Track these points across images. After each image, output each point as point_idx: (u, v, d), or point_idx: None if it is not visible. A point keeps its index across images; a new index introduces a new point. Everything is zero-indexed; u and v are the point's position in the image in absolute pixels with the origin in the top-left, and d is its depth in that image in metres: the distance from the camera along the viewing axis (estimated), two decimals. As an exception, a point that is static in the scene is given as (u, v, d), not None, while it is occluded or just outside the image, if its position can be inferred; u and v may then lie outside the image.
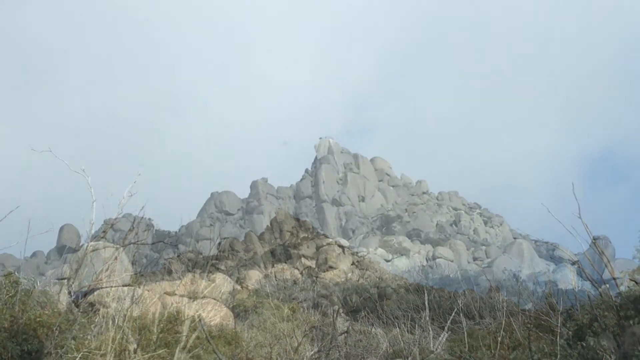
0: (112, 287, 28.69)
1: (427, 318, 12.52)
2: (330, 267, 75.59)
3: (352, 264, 79.38)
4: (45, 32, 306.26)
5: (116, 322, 26.09)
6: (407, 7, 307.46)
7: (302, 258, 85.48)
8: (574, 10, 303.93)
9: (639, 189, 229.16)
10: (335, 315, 11.55)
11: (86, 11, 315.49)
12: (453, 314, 12.56)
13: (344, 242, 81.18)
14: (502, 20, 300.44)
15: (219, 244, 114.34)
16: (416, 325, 15.76)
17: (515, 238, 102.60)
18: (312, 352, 26.52)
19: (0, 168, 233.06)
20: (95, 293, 28.38)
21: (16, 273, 32.45)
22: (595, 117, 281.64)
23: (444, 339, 11.89)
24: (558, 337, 26.46)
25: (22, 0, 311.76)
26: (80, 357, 19.42)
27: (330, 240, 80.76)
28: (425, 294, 24.92)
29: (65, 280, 29.05)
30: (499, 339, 10.88)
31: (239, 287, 60.10)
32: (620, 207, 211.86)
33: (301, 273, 77.44)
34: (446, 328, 12.10)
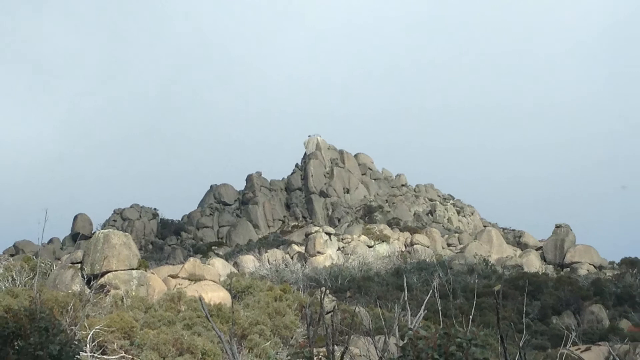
0: (120, 270, 28.60)
1: (406, 298, 12.49)
2: (318, 252, 75.77)
3: (338, 250, 79.52)
4: (56, 36, 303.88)
5: (124, 302, 26.04)
6: (396, 11, 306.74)
7: (293, 244, 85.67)
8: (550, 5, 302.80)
9: (603, 180, 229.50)
10: (322, 296, 11.52)
11: (93, 14, 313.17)
12: (429, 294, 12.54)
13: (331, 229, 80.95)
14: (489, 17, 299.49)
15: (218, 231, 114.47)
16: (395, 305, 15.78)
17: (485, 226, 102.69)
18: (301, 329, 26.55)
19: (14, 167, 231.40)
20: (106, 276, 28.28)
21: (34, 258, 32.25)
22: (564, 112, 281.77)
23: (421, 317, 11.86)
24: (524, 316, 26.65)
25: (34, 5, 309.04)
26: (92, 334, 19.38)
27: (318, 228, 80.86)
28: (404, 277, 24.95)
29: (79, 264, 28.93)
30: (471, 317, 10.88)
31: (235, 271, 60.06)
32: (584, 197, 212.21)
33: (292, 258, 77.55)
34: (423, 307, 12.07)
